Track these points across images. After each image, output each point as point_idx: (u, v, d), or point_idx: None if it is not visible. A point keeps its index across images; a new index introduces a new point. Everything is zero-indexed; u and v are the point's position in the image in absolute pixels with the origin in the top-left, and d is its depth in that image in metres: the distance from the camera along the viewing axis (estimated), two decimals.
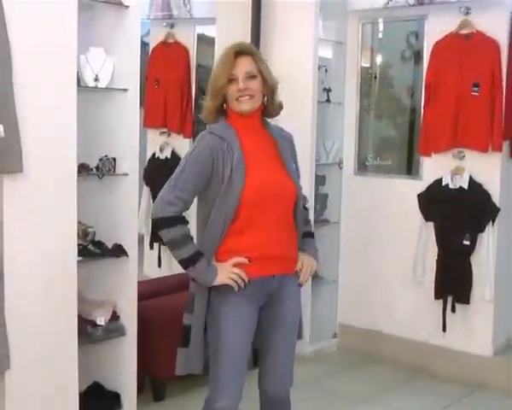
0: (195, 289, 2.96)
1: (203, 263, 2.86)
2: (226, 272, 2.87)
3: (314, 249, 3.15)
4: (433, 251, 5.06)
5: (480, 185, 4.87)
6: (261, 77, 2.99)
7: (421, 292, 5.16)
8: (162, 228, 2.87)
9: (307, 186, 5.01)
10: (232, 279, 2.87)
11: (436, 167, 5.05)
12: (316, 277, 5.44)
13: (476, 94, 4.82)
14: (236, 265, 2.89)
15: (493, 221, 4.85)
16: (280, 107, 3.12)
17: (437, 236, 5.03)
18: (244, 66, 2.95)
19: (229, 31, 5.26)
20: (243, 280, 2.88)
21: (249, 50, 3.01)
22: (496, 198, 4.86)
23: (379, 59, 5.57)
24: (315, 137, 5.21)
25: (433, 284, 5.03)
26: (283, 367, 3.05)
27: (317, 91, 5.20)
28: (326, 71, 5.48)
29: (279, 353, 3.03)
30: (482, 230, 4.86)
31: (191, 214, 2.97)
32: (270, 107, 3.07)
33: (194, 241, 2.93)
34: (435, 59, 5.00)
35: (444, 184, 4.97)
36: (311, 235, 3.19)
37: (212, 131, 2.95)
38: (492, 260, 4.86)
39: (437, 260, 5.02)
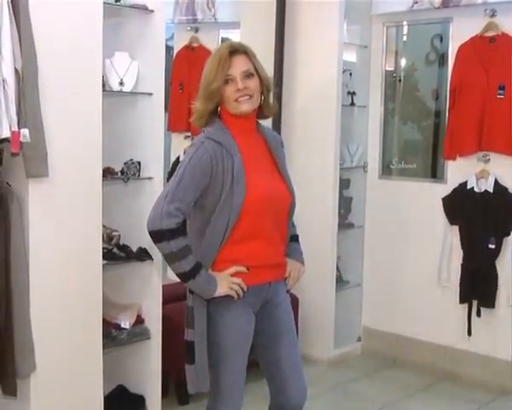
0: (194, 302, 2.83)
1: (204, 275, 2.75)
2: (226, 283, 2.77)
3: (300, 254, 3.07)
4: (457, 255, 5.01)
5: (505, 189, 4.82)
6: (257, 75, 2.84)
7: (446, 296, 5.11)
8: (161, 241, 2.71)
9: (331, 190, 5.08)
10: (233, 289, 2.78)
11: (461, 171, 5.01)
12: (340, 281, 5.43)
13: (502, 97, 4.76)
14: (235, 274, 2.79)
15: None
16: (275, 107, 2.99)
17: (462, 239, 4.99)
18: (240, 65, 2.81)
19: (254, 35, 5.25)
20: (242, 289, 2.80)
21: (243, 48, 2.86)
22: None
23: (403, 62, 5.53)
24: (339, 140, 5.19)
25: (458, 288, 4.98)
26: (299, 373, 2.99)
27: (341, 95, 5.17)
28: (350, 75, 5.45)
29: (291, 360, 2.96)
30: (508, 233, 4.81)
31: None
32: (265, 107, 2.93)
33: None
34: (460, 62, 4.95)
35: (469, 187, 4.93)
36: (296, 238, 3.09)
37: (210, 135, 2.80)
38: None
39: (462, 264, 4.98)
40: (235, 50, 2.84)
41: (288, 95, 5.23)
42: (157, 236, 2.72)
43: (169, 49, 5.87)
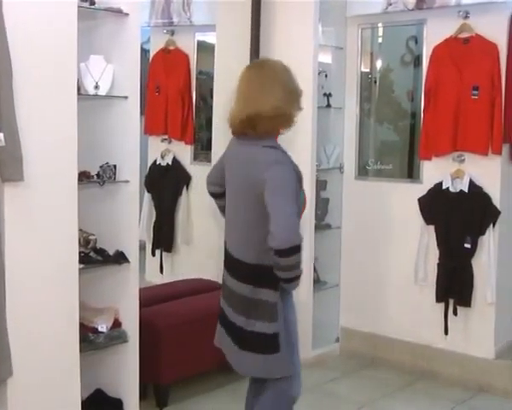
0: (278, 299, 3.09)
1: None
2: None
3: None
4: (434, 254, 5.05)
5: (480, 188, 4.86)
6: None
7: (423, 295, 5.14)
8: (296, 253, 2.97)
9: (308, 191, 4.98)
10: None
11: (436, 171, 5.04)
12: (317, 282, 5.46)
13: (476, 97, 4.81)
14: None
15: (494, 224, 4.84)
16: None
17: (438, 239, 5.02)
18: None
19: (229, 38, 5.28)
20: None
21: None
22: (496, 201, 4.84)
23: (379, 64, 5.55)
24: (316, 142, 5.19)
25: (435, 288, 5.01)
26: None
27: (317, 97, 5.18)
28: (326, 76, 5.46)
29: None
30: (483, 233, 4.85)
31: None
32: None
33: None
34: (434, 63, 4.99)
35: (444, 187, 4.96)
36: None
37: (284, 153, 3.12)
38: (493, 263, 4.85)
39: (438, 264, 5.01)
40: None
41: None
42: (296, 250, 2.97)
43: (145, 52, 5.88)
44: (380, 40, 5.58)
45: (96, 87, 3.91)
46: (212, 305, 4.43)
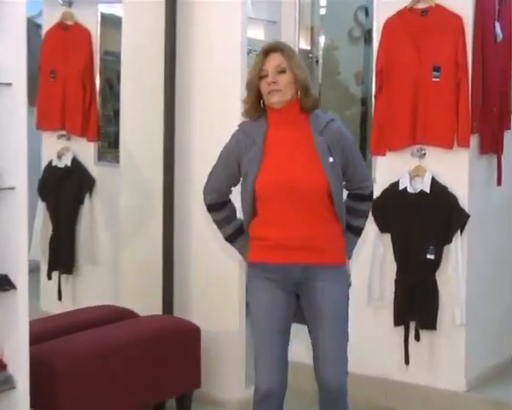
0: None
1: (239, 243, 3.87)
2: None
3: (349, 246, 3.86)
4: (390, 268, 5.06)
5: (444, 188, 4.91)
6: (291, 72, 3.62)
7: (379, 318, 5.16)
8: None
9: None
10: None
11: (392, 168, 5.06)
12: None
13: (437, 80, 4.86)
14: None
15: (462, 230, 4.89)
16: (315, 101, 3.75)
17: (395, 250, 5.05)
18: (273, 61, 3.63)
19: (139, 10, 5.24)
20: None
21: (279, 47, 3.70)
22: (464, 203, 4.89)
23: (321, 40, 5.58)
24: None
25: (393, 308, 5.04)
26: (331, 360, 3.70)
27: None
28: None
29: (326, 346, 3.71)
30: (449, 241, 4.90)
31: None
32: (303, 101, 3.67)
33: None
34: (387, 39, 5.01)
35: (401, 187, 4.99)
36: (352, 229, 3.83)
37: (241, 126, 3.79)
38: (462, 277, 4.90)
39: (396, 280, 5.04)
40: (273, 49, 3.68)
41: (183, 84, 5.15)
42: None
43: (36, 27, 5.86)
44: (322, 12, 5.59)
45: None
46: (123, 337, 4.53)
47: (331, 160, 3.65)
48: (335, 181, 3.65)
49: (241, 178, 3.74)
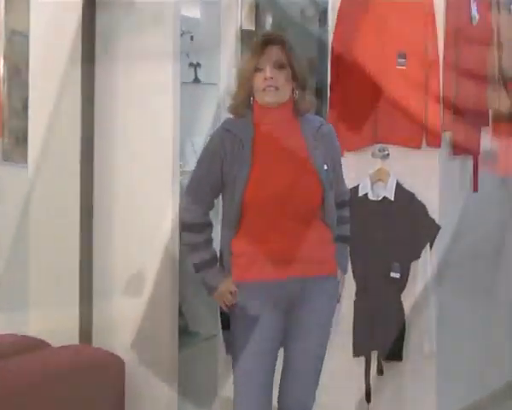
0: None
1: (215, 270, 3.77)
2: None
3: (342, 258, 3.89)
4: (348, 289, 4.77)
5: (411, 195, 4.87)
6: (291, 69, 3.66)
7: (335, 348, 4.72)
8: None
9: (170, 205, 4.88)
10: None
11: (350, 172, 4.77)
12: (185, 332, 5.33)
13: (403, 67, 4.85)
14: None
15: (431, 244, 4.87)
16: (311, 104, 3.80)
17: (354, 267, 4.88)
18: (272, 55, 3.64)
19: None
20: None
21: (279, 39, 3.71)
22: (434, 212, 4.86)
23: (268, 21, 5.54)
24: (179, 133, 4.95)
25: (352, 336, 4.93)
26: (298, 383, 3.74)
27: (179, 68, 4.95)
28: (192, 39, 5.48)
29: (295, 366, 3.74)
30: (416, 256, 4.87)
31: None
32: (300, 103, 3.71)
33: None
34: (344, 21, 4.99)
35: (361, 194, 4.95)
36: (341, 239, 3.88)
37: (224, 124, 3.77)
38: (432, 298, 4.88)
39: (355, 302, 4.95)
40: (271, 40, 3.69)
41: (103, 67, 4.92)
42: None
43: None
44: None
45: None
46: (29, 373, 4.27)
47: (325, 167, 3.70)
48: (330, 190, 3.72)
49: (224, 188, 3.68)
